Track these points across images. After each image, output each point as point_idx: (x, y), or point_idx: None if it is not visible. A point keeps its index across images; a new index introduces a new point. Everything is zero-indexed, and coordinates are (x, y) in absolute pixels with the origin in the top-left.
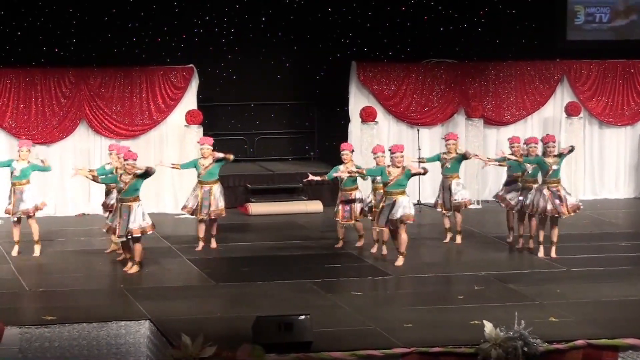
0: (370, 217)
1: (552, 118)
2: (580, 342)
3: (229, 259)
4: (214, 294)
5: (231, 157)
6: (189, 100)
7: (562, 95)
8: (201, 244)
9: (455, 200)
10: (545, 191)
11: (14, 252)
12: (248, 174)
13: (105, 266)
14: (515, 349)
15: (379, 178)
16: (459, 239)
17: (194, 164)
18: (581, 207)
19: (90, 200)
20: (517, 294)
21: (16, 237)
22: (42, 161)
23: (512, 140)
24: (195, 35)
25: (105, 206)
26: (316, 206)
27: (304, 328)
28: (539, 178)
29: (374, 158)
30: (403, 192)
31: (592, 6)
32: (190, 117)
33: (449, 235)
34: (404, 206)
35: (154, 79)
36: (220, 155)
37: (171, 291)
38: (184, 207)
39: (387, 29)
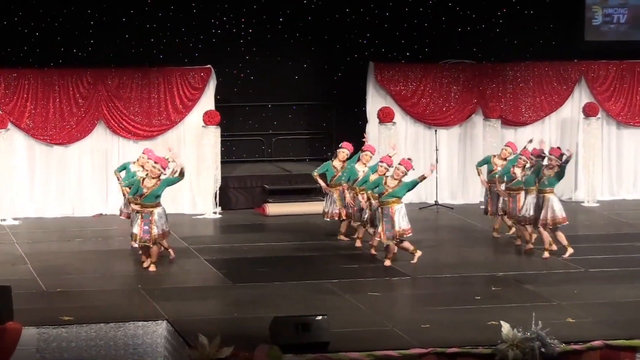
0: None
1: (570, 119)
2: (597, 342)
3: (246, 259)
4: (231, 294)
5: None
6: (207, 101)
7: (580, 96)
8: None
9: None
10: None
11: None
12: (265, 175)
13: (123, 266)
14: (532, 350)
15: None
16: None
17: (327, 167)
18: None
19: (107, 200)
20: (534, 295)
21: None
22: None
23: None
24: (213, 35)
25: (123, 214)
26: None
27: (321, 328)
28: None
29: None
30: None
31: (610, 7)
32: (208, 118)
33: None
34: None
35: (171, 80)
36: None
37: (188, 291)
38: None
39: (404, 29)
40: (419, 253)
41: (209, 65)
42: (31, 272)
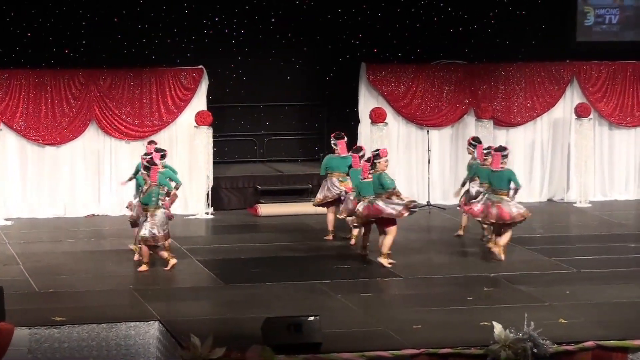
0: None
1: (562, 119)
2: (589, 343)
3: (238, 260)
4: (223, 294)
5: None
6: (199, 101)
7: (572, 97)
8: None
9: None
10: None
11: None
12: (257, 175)
13: (115, 267)
14: (524, 350)
15: None
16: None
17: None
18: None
19: (100, 201)
20: (526, 296)
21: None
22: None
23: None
24: (205, 36)
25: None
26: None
27: (313, 329)
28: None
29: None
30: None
31: (602, 8)
32: (200, 118)
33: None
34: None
35: (163, 80)
36: None
37: (180, 292)
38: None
39: (396, 30)
40: (386, 261)
41: (201, 66)
42: (23, 272)
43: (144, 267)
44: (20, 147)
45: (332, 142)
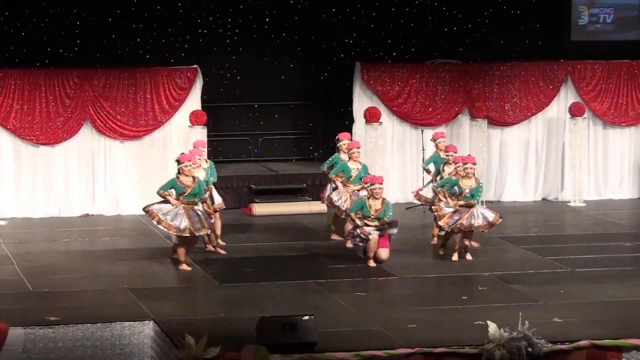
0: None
1: (556, 118)
2: (584, 342)
3: (233, 259)
4: (218, 294)
5: None
6: (193, 101)
7: (566, 96)
8: None
9: None
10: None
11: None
12: (252, 175)
13: (110, 267)
14: (519, 350)
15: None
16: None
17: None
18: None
19: (94, 200)
20: (520, 295)
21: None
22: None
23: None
24: (200, 35)
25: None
26: (320, 207)
27: (308, 328)
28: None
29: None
30: None
31: (596, 7)
32: (194, 118)
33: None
34: None
35: (158, 80)
36: None
37: (175, 291)
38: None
39: (391, 29)
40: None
41: (195, 65)
42: (18, 272)
43: (181, 257)
44: (14, 147)
45: None
